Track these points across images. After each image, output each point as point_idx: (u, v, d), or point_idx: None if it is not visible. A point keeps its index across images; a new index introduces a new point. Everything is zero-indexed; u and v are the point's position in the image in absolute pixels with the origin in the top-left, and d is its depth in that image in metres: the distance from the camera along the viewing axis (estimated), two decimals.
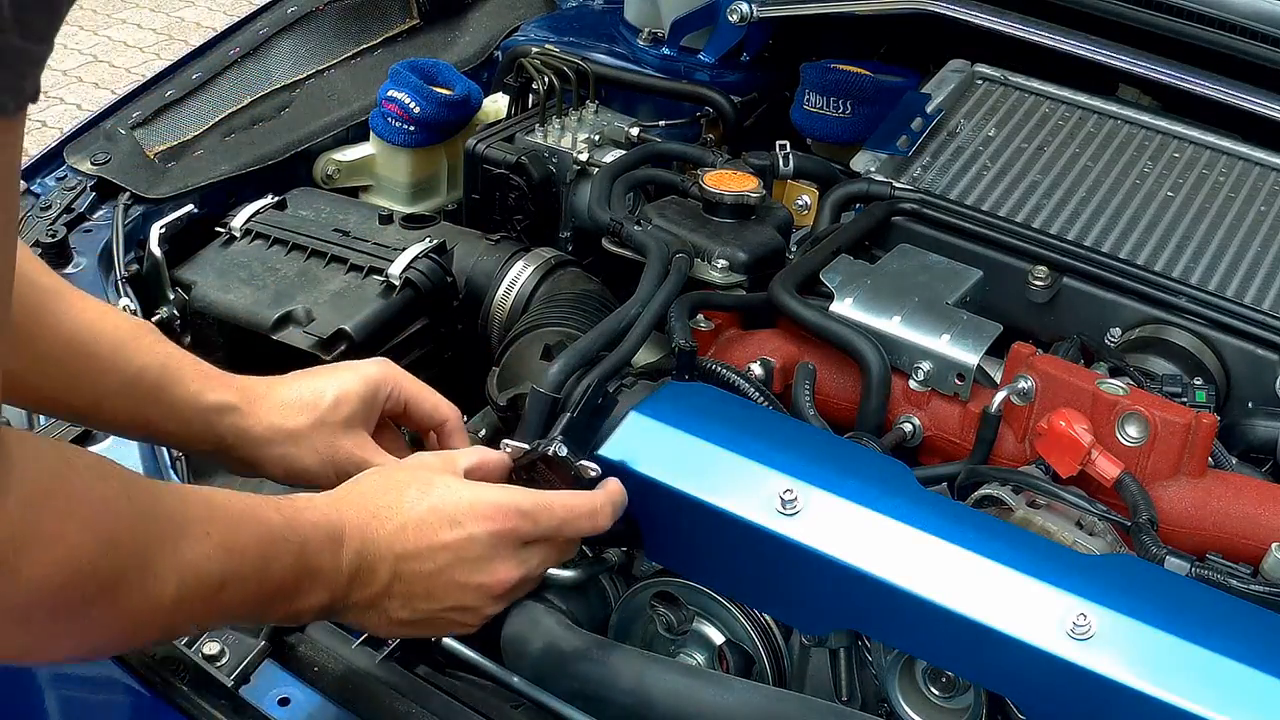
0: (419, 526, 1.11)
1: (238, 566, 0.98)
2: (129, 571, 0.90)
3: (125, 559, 0.89)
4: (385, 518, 1.10)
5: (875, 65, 2.08)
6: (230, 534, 0.98)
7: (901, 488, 1.28)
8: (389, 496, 1.12)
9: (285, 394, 1.25)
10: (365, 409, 1.27)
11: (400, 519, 1.11)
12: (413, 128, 1.95)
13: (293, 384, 1.26)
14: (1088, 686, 1.12)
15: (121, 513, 0.89)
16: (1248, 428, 1.52)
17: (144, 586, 0.91)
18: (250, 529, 1.00)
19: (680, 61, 2.14)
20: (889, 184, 1.76)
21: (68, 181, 1.79)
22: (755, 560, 1.25)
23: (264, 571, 1.01)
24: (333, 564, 1.07)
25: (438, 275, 1.67)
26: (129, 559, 0.90)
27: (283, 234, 1.73)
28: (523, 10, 2.32)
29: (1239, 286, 1.64)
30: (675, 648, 1.38)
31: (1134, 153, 1.86)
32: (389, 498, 1.12)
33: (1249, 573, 1.28)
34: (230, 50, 1.99)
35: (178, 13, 5.49)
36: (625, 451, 1.30)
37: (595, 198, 1.72)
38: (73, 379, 1.14)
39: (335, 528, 1.07)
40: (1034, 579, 1.17)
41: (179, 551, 0.93)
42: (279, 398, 1.24)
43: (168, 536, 0.93)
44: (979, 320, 1.51)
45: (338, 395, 1.25)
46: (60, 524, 0.84)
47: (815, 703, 1.26)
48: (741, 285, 1.60)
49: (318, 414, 1.24)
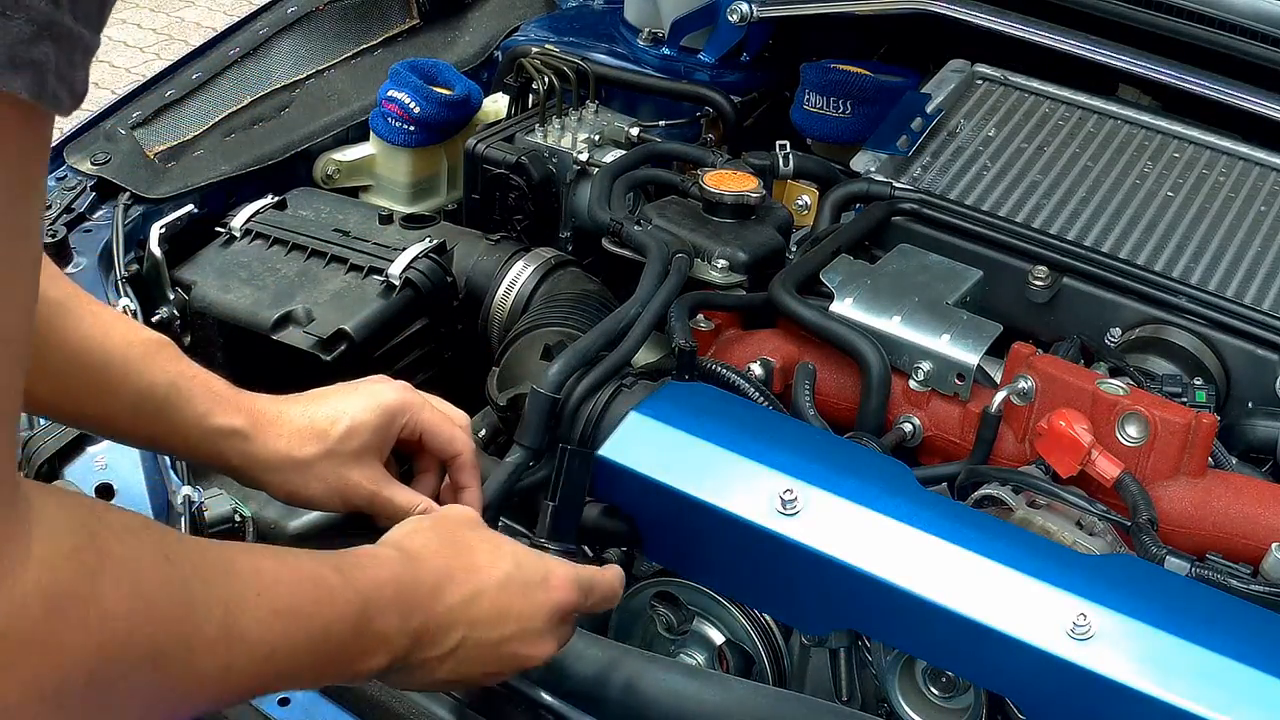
0: (496, 593, 1.07)
1: (290, 631, 0.90)
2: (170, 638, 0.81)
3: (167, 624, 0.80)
4: (460, 581, 1.05)
5: (875, 65, 2.08)
6: (282, 597, 0.90)
7: (901, 488, 1.28)
8: (461, 558, 1.07)
9: (296, 419, 1.19)
10: (378, 439, 1.21)
11: (475, 584, 1.06)
12: (413, 128, 1.94)
13: (305, 407, 1.20)
14: (1088, 686, 1.12)
15: (161, 575, 0.81)
16: (1248, 428, 1.52)
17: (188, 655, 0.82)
18: (305, 591, 0.93)
19: (680, 61, 2.14)
20: (889, 184, 1.76)
21: (68, 181, 1.79)
22: (755, 560, 1.25)
23: (320, 636, 0.93)
24: (399, 627, 1.00)
25: (438, 275, 1.67)
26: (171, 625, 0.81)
27: (283, 234, 1.73)
28: (523, 10, 2.32)
29: (1239, 286, 1.64)
30: (675, 648, 1.38)
31: (1134, 153, 1.86)
32: (462, 560, 1.07)
33: (1249, 573, 1.28)
34: (230, 50, 1.99)
35: (178, 13, 5.49)
36: (625, 451, 1.30)
37: (595, 198, 1.72)
38: (81, 393, 1.10)
39: (404, 588, 1.01)
40: (1034, 579, 1.18)
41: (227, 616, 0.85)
42: (289, 423, 1.19)
43: (214, 601, 0.84)
44: (979, 320, 1.51)
45: (351, 425, 1.19)
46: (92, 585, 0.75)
47: (815, 703, 1.26)
48: (741, 285, 1.60)
49: (328, 444, 1.19)
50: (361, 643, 0.97)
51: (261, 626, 0.88)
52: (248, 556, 0.91)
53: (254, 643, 0.87)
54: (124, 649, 0.77)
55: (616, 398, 1.37)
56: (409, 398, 1.24)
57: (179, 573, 0.82)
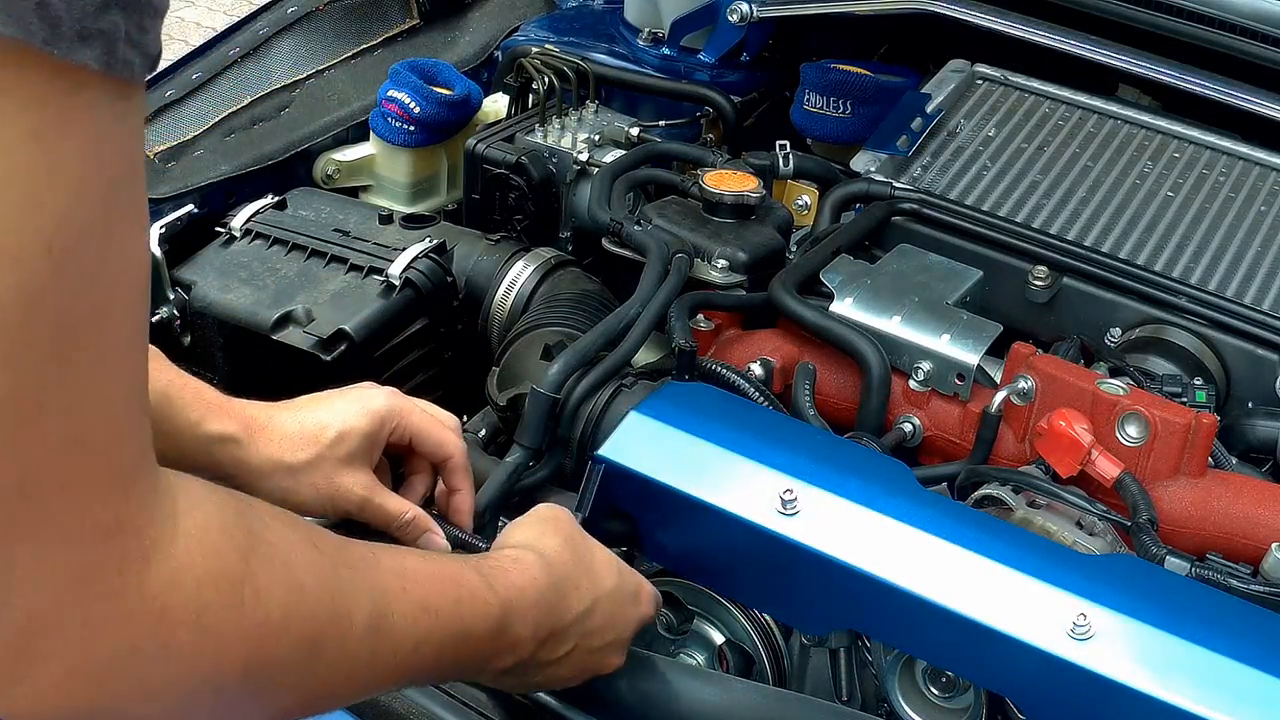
0: (606, 603, 1.10)
1: (434, 628, 0.91)
2: (326, 624, 0.80)
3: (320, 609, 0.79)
4: (585, 590, 1.08)
5: (875, 65, 2.08)
6: (428, 594, 0.91)
7: (901, 488, 1.28)
8: (583, 565, 1.10)
9: (287, 425, 1.20)
10: (368, 444, 1.22)
11: (595, 594, 1.09)
12: (413, 128, 1.94)
13: (296, 414, 1.21)
14: (1088, 686, 1.12)
15: (310, 559, 0.80)
16: (1248, 428, 1.52)
17: (341, 643, 0.81)
18: (448, 590, 0.94)
19: (680, 61, 2.14)
20: (889, 184, 1.76)
21: None
22: (755, 560, 1.25)
23: (460, 636, 0.94)
24: (532, 633, 1.02)
25: (438, 275, 1.67)
26: (324, 610, 0.80)
27: (283, 234, 1.73)
28: (523, 10, 2.32)
29: (1239, 286, 1.64)
30: (675, 648, 1.38)
31: (1134, 153, 1.86)
32: (583, 566, 1.10)
33: (1249, 573, 1.28)
34: (230, 50, 1.99)
35: (178, 13, 5.49)
36: (625, 451, 1.30)
37: (595, 198, 1.72)
38: None
39: (543, 596, 1.03)
40: (1034, 579, 1.18)
41: (375, 607, 0.84)
42: (281, 429, 1.19)
43: (362, 590, 0.84)
44: (979, 320, 1.51)
45: (341, 431, 1.20)
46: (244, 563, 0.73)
47: (815, 703, 1.26)
48: (741, 285, 1.60)
49: (318, 449, 1.19)
50: (496, 645, 0.99)
51: (407, 620, 0.88)
52: (392, 553, 0.92)
53: (401, 636, 0.87)
54: (280, 633, 0.76)
55: (616, 398, 1.37)
56: (397, 403, 1.25)
57: (328, 560, 0.82)
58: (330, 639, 0.80)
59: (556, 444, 1.37)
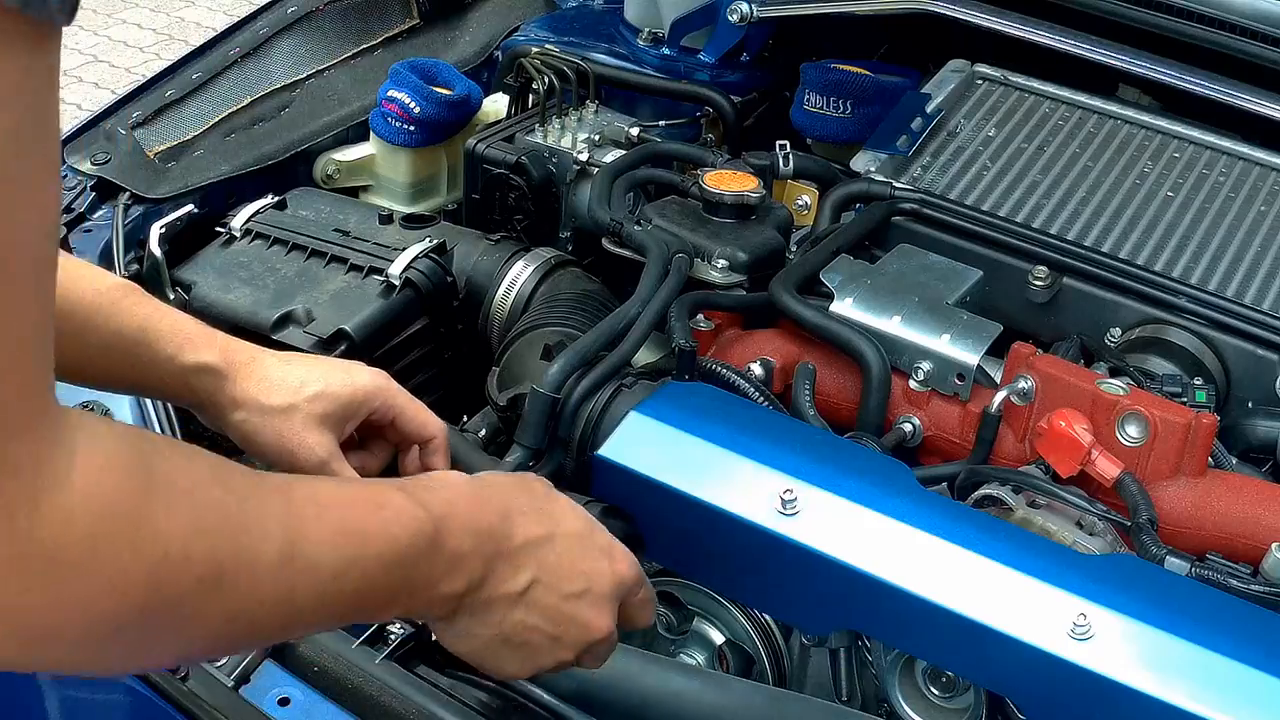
0: (569, 543, 1.06)
1: (358, 552, 0.87)
2: (229, 560, 0.78)
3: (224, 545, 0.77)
4: (534, 520, 1.04)
5: (875, 65, 2.08)
6: (346, 517, 0.87)
7: (901, 488, 1.28)
8: (535, 501, 1.06)
9: (271, 370, 1.21)
10: (342, 414, 1.22)
11: (549, 528, 1.05)
12: (413, 128, 1.95)
13: (282, 363, 1.22)
14: (1088, 686, 1.12)
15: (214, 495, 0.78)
16: (1248, 428, 1.52)
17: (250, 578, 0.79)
18: (368, 511, 0.90)
19: (680, 61, 2.14)
20: (889, 184, 1.76)
21: (67, 181, 1.79)
22: (755, 560, 1.25)
23: (391, 557, 0.90)
24: (474, 548, 0.97)
25: (438, 275, 1.67)
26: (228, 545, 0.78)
27: (283, 234, 1.73)
28: (523, 10, 2.32)
29: (1239, 286, 1.64)
30: (675, 648, 1.38)
31: (1134, 153, 1.86)
32: (535, 501, 1.06)
33: (1249, 573, 1.28)
34: (230, 50, 1.99)
35: (178, 13, 5.49)
36: (625, 451, 1.30)
37: (595, 198, 1.72)
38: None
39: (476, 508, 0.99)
40: (1034, 579, 1.18)
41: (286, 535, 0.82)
42: (263, 371, 1.20)
43: (271, 520, 0.81)
44: (979, 320, 1.51)
45: (320, 391, 1.21)
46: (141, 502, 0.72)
47: (815, 703, 1.26)
48: (741, 285, 1.60)
49: (294, 400, 1.20)
50: (436, 562, 0.94)
51: (325, 546, 0.85)
52: (304, 482, 0.89)
53: (318, 564, 0.84)
54: (179, 570, 0.74)
55: (616, 398, 1.37)
56: (384, 382, 1.26)
57: (233, 494, 0.80)
58: (238, 573, 0.78)
59: (556, 444, 1.37)
